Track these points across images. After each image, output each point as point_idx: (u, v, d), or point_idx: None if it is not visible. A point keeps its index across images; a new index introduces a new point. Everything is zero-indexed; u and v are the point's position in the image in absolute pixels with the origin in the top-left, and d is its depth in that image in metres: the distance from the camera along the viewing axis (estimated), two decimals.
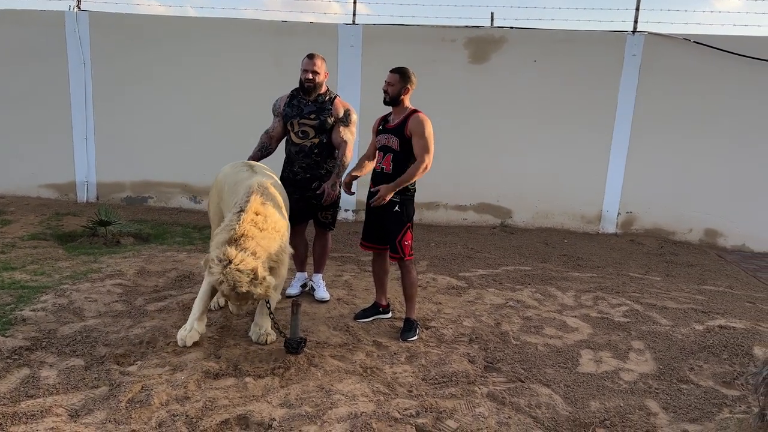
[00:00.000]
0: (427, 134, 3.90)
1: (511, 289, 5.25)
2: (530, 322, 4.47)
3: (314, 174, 4.54)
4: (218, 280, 3.17)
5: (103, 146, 8.05)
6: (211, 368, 3.37)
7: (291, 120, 4.54)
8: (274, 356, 3.60)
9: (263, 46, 7.66)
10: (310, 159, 4.53)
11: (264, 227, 3.42)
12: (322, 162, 4.56)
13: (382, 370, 3.54)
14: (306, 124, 4.50)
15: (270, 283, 3.28)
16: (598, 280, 5.64)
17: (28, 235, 6.18)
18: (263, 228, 3.42)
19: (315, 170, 4.55)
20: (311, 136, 4.50)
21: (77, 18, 7.71)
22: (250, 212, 3.42)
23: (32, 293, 4.38)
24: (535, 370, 3.68)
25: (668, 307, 4.94)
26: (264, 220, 3.44)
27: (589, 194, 7.77)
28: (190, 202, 8.07)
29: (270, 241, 3.44)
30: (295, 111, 4.53)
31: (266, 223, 3.44)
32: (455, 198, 7.94)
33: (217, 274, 3.17)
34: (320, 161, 4.55)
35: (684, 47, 7.24)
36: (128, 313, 4.15)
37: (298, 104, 4.54)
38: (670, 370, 3.77)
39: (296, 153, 4.54)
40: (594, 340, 4.19)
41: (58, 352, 3.49)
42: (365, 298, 4.76)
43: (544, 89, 7.58)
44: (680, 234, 7.62)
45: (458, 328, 4.27)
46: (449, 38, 7.60)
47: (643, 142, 7.53)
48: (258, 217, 3.43)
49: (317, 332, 4.03)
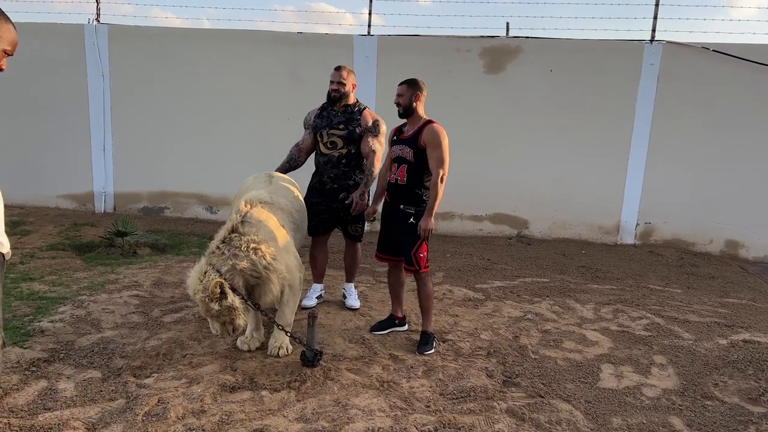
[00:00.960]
0: (442, 145, 3.86)
1: (529, 301, 5.18)
2: (549, 335, 4.41)
3: (342, 185, 4.57)
4: (187, 293, 3.44)
5: (120, 157, 8.12)
6: (227, 381, 3.36)
7: (320, 131, 4.58)
8: (290, 369, 3.58)
9: (279, 58, 7.70)
10: (338, 169, 4.54)
11: (238, 244, 3.45)
12: (351, 172, 4.58)
13: (399, 384, 3.50)
14: (335, 134, 4.53)
15: (231, 303, 3.32)
16: (617, 293, 5.56)
17: (46, 246, 6.23)
18: (237, 246, 3.45)
19: (343, 180, 4.57)
20: (339, 146, 4.52)
21: (96, 31, 7.81)
22: (224, 231, 3.54)
23: (50, 304, 4.41)
24: (554, 385, 3.61)
25: (690, 320, 4.84)
26: (239, 237, 3.48)
27: (607, 204, 7.68)
28: (206, 213, 8.11)
29: (242, 260, 3.43)
30: (325, 122, 4.58)
31: (241, 240, 3.46)
32: (471, 208, 7.89)
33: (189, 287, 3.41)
34: (348, 171, 4.57)
35: (703, 56, 7.15)
36: (145, 325, 4.16)
37: (328, 115, 4.59)
38: (694, 385, 3.69)
39: (324, 163, 4.57)
40: (615, 354, 4.12)
41: (76, 364, 3.50)
42: (381, 310, 4.72)
43: (560, 99, 7.53)
44: (701, 245, 7.49)
45: (476, 342, 4.22)
46: (464, 48, 7.59)
47: (661, 152, 7.43)
48: (233, 234, 3.50)
49: (333, 345, 4.00)
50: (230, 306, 3.32)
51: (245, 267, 3.42)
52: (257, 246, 3.47)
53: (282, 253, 3.66)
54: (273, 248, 3.56)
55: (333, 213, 4.61)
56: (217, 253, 3.44)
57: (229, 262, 3.40)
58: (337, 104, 4.55)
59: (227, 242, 3.47)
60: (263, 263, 3.47)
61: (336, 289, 5.11)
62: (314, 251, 4.84)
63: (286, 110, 7.23)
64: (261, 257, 3.47)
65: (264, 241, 3.53)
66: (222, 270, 3.37)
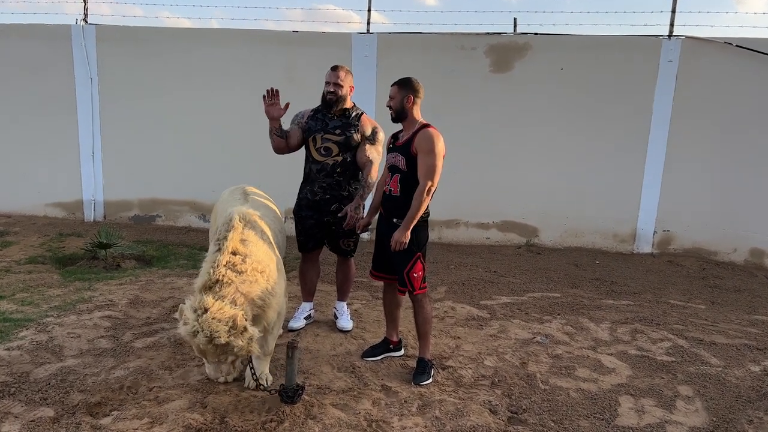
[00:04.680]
0: (435, 151, 3.41)
1: (539, 320, 4.75)
2: (560, 361, 3.97)
3: (334, 195, 4.14)
4: (193, 331, 2.74)
5: (110, 163, 7.78)
6: (193, 421, 2.96)
7: (314, 134, 4.13)
8: (267, 405, 3.18)
9: (273, 58, 7.32)
10: (332, 179, 4.12)
11: (243, 269, 2.99)
12: (345, 183, 4.15)
13: (389, 423, 3.09)
14: (330, 139, 4.09)
15: (252, 335, 2.84)
16: (635, 309, 5.10)
17: (25, 259, 5.89)
18: (242, 270, 2.99)
19: (336, 191, 4.14)
20: (334, 153, 4.09)
21: (84, 31, 7.47)
22: (226, 253, 3.00)
23: (13, 327, 4.04)
24: (566, 423, 3.20)
25: (717, 342, 4.38)
26: (242, 261, 3.01)
27: (623, 211, 7.21)
28: (199, 221, 7.74)
29: (251, 285, 3.00)
30: (320, 125, 4.13)
31: (245, 264, 3.01)
32: (477, 215, 7.45)
33: (191, 324, 2.75)
34: (342, 182, 4.14)
35: (726, 52, 6.68)
36: (112, 351, 3.77)
37: (323, 118, 4.14)
38: (726, 422, 3.26)
39: (317, 171, 4.14)
40: (634, 384, 3.68)
41: (27, 400, 3.12)
42: (375, 331, 4.31)
43: (571, 99, 7.08)
44: (723, 254, 7.00)
45: (479, 369, 3.80)
46: (469, 46, 7.17)
47: (681, 154, 6.96)
48: (236, 257, 3.01)
49: (319, 374, 3.60)
50: (251, 337, 2.85)
51: (257, 296, 3.01)
52: (263, 269, 3.09)
53: (278, 276, 3.29)
54: (272, 270, 3.19)
55: (324, 226, 4.20)
56: (224, 282, 2.92)
57: (242, 289, 2.95)
58: (334, 108, 4.10)
59: (230, 267, 2.99)
60: (269, 288, 3.09)
61: (327, 307, 4.71)
62: (304, 267, 4.44)
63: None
64: (267, 281, 3.09)
65: (267, 264, 3.16)
66: (238, 301, 2.92)
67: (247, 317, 2.89)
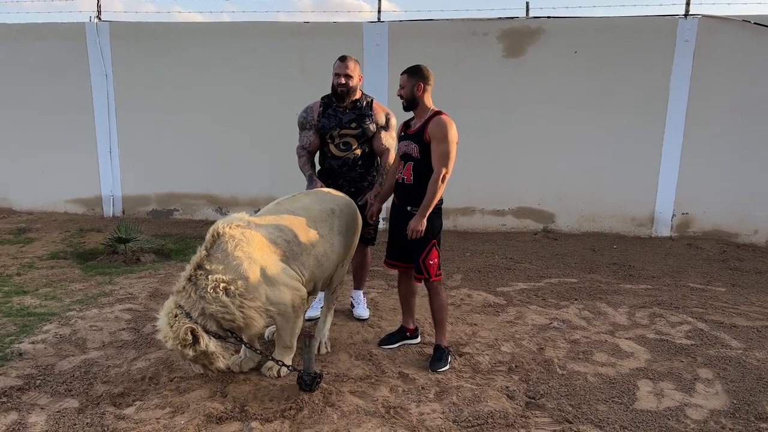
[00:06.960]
0: (449, 138, 3.41)
1: (556, 306, 4.73)
2: (578, 346, 3.96)
3: (359, 187, 4.17)
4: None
5: (127, 158, 7.87)
6: (214, 410, 3.01)
7: (330, 131, 4.10)
8: (286, 394, 3.21)
9: (285, 50, 7.33)
10: (355, 172, 4.15)
11: (205, 283, 3.03)
12: (366, 174, 4.20)
13: (407, 410, 3.11)
14: (348, 134, 4.09)
15: (206, 348, 2.97)
16: (653, 293, 5.06)
17: (48, 255, 6.00)
18: (203, 286, 3.03)
19: (359, 183, 4.18)
20: (354, 147, 4.10)
21: (98, 29, 7.54)
22: (191, 267, 3.10)
23: (37, 321, 4.12)
24: (584, 407, 3.19)
25: (738, 325, 4.34)
26: (204, 276, 3.04)
27: (640, 194, 7.13)
28: (216, 214, 7.81)
29: (208, 302, 3.02)
30: (334, 121, 4.10)
31: (207, 280, 3.03)
32: (492, 202, 7.42)
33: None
34: (364, 173, 4.19)
35: (744, 30, 6.55)
36: (133, 343, 3.84)
37: (335, 113, 4.10)
38: (747, 405, 3.22)
39: (339, 167, 4.13)
40: (653, 368, 3.65)
41: (52, 392, 3.19)
42: (392, 320, 4.33)
43: (586, 82, 7.00)
44: (744, 236, 6.90)
45: (496, 355, 3.80)
46: (481, 32, 7.10)
47: (699, 135, 6.85)
48: (199, 272, 3.07)
49: (337, 362, 3.63)
50: (204, 352, 2.98)
51: (215, 311, 3.04)
52: (227, 285, 3.04)
53: (260, 287, 3.14)
54: (244, 284, 3.08)
55: None
56: (184, 294, 3.05)
57: (198, 305, 3.03)
58: (346, 100, 4.07)
59: (193, 281, 3.06)
60: (236, 303, 3.06)
61: (345, 296, 4.73)
62: None
63: (294, 105, 6.82)
64: (233, 298, 3.05)
65: (234, 280, 3.06)
66: (193, 314, 3.01)
67: (209, 330, 3.02)
